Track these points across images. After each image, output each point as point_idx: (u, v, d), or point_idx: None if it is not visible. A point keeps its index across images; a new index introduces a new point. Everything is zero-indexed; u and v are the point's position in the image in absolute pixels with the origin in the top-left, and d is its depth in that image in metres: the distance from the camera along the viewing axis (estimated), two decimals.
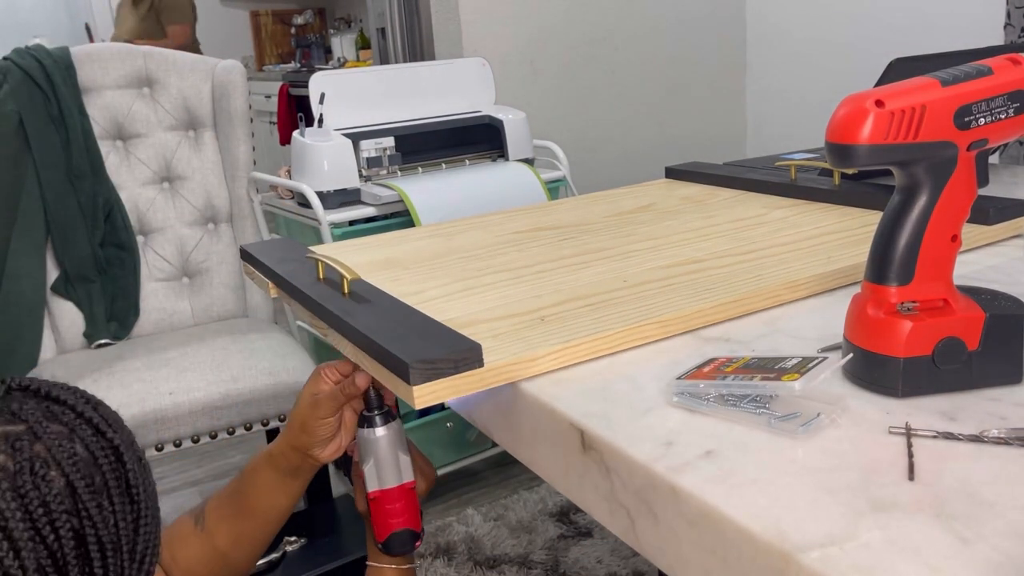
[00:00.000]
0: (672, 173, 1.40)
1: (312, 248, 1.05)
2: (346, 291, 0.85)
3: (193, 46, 4.01)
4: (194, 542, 0.89)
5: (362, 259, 1.05)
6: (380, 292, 0.85)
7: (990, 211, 0.95)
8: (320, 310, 0.84)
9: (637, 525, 0.58)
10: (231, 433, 1.58)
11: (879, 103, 0.57)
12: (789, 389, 0.60)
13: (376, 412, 0.87)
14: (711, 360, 0.69)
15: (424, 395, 0.67)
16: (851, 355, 0.63)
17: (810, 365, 0.62)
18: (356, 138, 1.83)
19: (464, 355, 0.68)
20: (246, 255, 1.09)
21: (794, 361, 0.64)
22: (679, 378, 0.66)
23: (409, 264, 1.01)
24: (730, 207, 1.17)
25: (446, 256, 1.03)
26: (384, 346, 0.70)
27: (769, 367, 0.64)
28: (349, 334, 0.78)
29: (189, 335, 1.82)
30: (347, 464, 1.00)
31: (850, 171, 1.21)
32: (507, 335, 0.75)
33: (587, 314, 0.78)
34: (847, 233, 0.99)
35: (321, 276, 0.91)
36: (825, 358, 0.63)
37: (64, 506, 0.53)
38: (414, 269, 0.99)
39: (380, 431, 0.87)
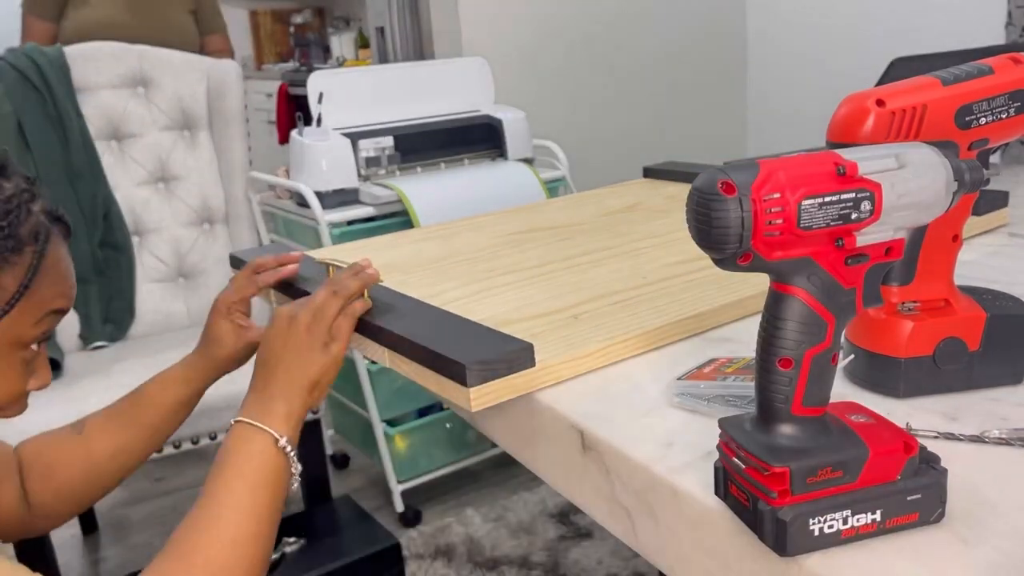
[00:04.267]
0: (650, 172, 1.40)
1: (309, 253, 1.04)
2: (365, 296, 0.82)
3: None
4: (69, 447, 0.87)
5: None
6: (400, 295, 0.84)
7: (980, 203, 0.95)
8: None
9: (637, 526, 0.58)
10: None
11: (880, 102, 0.57)
12: None
13: None
14: (712, 360, 0.69)
15: (481, 396, 0.65)
16: (852, 356, 0.63)
17: None
18: (355, 138, 1.83)
19: (517, 355, 0.67)
20: (238, 263, 1.05)
21: None
22: (680, 379, 0.66)
23: (412, 268, 1.00)
24: None
25: (448, 259, 1.02)
26: (435, 350, 0.68)
27: None
28: (386, 339, 0.75)
29: (186, 336, 1.82)
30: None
31: None
32: (545, 334, 0.74)
33: (620, 311, 0.78)
34: None
35: None
36: None
37: None
38: (420, 273, 0.98)
39: None
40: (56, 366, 1.65)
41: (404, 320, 0.76)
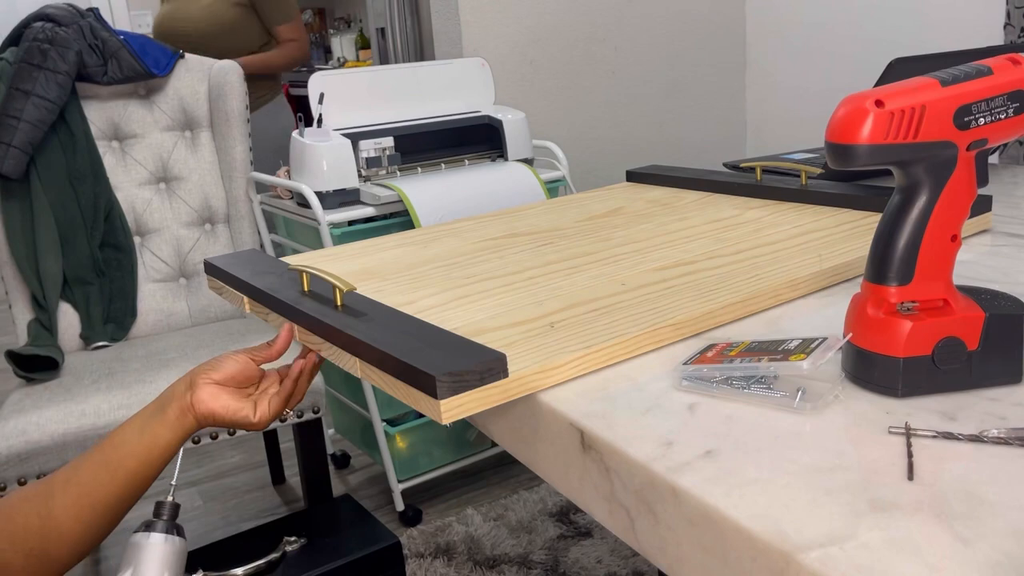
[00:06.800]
0: (633, 176, 1.40)
1: (285, 260, 1.03)
2: (339, 304, 0.82)
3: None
4: (31, 492, 0.77)
5: (337, 269, 1.01)
6: (374, 303, 0.82)
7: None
8: (317, 325, 0.80)
9: (637, 525, 0.58)
10: (232, 434, 1.58)
11: (879, 103, 0.57)
12: (797, 368, 0.61)
13: (163, 519, 0.75)
14: (711, 346, 0.70)
15: (451, 409, 0.64)
16: (851, 335, 0.63)
17: (813, 346, 0.63)
18: (355, 138, 1.83)
19: (489, 366, 0.65)
20: (213, 269, 1.02)
21: (796, 342, 0.65)
22: (685, 363, 0.67)
23: (388, 274, 0.98)
24: (701, 209, 1.17)
25: (425, 265, 1.00)
26: (404, 360, 0.67)
27: (772, 349, 0.65)
28: (357, 349, 0.74)
29: (188, 336, 1.82)
30: None
31: (818, 171, 1.21)
32: (520, 343, 0.73)
33: (597, 319, 0.77)
34: (829, 231, 0.99)
35: (306, 288, 0.88)
36: (825, 338, 0.64)
37: None
38: (396, 279, 0.96)
39: (156, 538, 0.73)
40: (56, 366, 1.65)
41: (375, 329, 0.75)
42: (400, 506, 1.96)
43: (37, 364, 1.64)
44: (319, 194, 1.76)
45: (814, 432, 0.58)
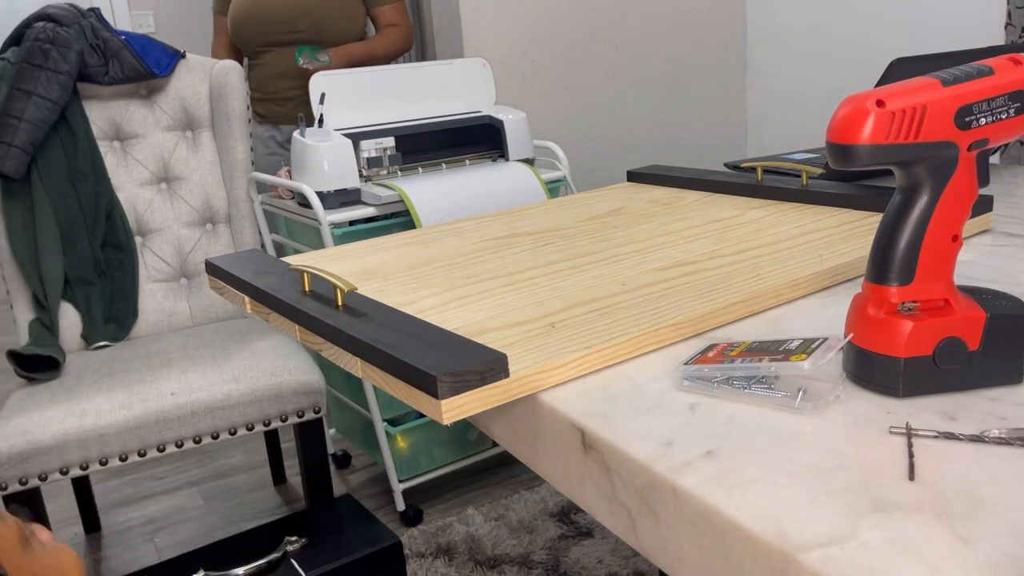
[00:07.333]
0: (633, 176, 1.40)
1: (286, 260, 1.03)
2: (340, 303, 0.82)
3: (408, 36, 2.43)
4: None
5: (337, 269, 1.02)
6: (375, 303, 0.83)
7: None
8: (318, 325, 0.80)
9: (638, 525, 0.58)
10: (233, 434, 1.58)
11: (880, 103, 0.57)
12: (798, 368, 0.61)
13: None
14: (712, 346, 0.70)
15: (452, 409, 0.64)
16: (852, 335, 0.64)
17: (814, 346, 0.63)
18: (356, 138, 1.83)
19: (490, 366, 0.66)
20: (214, 269, 1.03)
21: (797, 343, 0.65)
22: (686, 363, 0.67)
23: (389, 274, 0.98)
24: (702, 208, 1.17)
25: (426, 265, 1.01)
26: (405, 360, 0.67)
27: (773, 349, 0.65)
28: (358, 349, 0.74)
29: (189, 336, 1.82)
30: None
31: (819, 171, 1.21)
32: (521, 343, 0.73)
33: (597, 319, 0.77)
34: (830, 231, 0.99)
35: (307, 288, 0.88)
36: (826, 339, 0.64)
37: None
38: (396, 279, 0.96)
39: None
40: (57, 366, 1.65)
41: (376, 329, 0.75)
42: (401, 506, 1.96)
43: (38, 364, 1.65)
44: (320, 194, 1.76)
45: (815, 432, 0.58)
